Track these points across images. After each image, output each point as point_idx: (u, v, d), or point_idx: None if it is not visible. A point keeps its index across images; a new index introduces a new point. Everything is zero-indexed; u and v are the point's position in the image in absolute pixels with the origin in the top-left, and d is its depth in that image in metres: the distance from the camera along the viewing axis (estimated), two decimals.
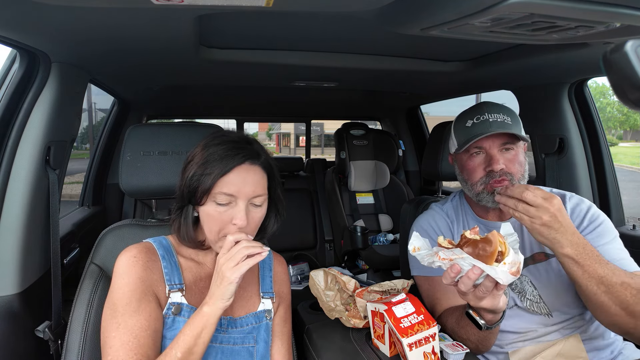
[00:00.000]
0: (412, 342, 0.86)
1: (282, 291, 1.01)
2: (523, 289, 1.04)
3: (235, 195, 0.79)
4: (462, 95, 2.11)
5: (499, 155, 1.03)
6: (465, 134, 1.08)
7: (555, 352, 0.99)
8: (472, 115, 1.09)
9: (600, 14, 0.65)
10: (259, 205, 0.84)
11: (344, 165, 2.55)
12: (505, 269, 0.71)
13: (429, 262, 0.79)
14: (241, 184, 0.79)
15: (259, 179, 0.83)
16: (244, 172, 0.80)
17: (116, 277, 0.80)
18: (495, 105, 1.09)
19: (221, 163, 0.79)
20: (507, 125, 1.03)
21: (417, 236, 0.81)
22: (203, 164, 0.80)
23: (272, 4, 0.71)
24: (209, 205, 0.81)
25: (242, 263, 0.74)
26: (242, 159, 0.80)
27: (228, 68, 1.39)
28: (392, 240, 2.37)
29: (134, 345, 0.75)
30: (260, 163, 0.83)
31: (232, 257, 0.75)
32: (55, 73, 1.08)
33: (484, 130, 1.03)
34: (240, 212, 0.79)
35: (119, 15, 0.81)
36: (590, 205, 1.06)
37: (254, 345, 0.89)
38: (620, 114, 35.23)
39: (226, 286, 0.74)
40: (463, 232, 0.78)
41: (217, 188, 0.79)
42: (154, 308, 0.80)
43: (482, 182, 1.05)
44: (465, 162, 1.09)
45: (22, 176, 1.03)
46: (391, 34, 1.01)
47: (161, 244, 0.89)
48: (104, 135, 2.21)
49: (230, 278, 0.74)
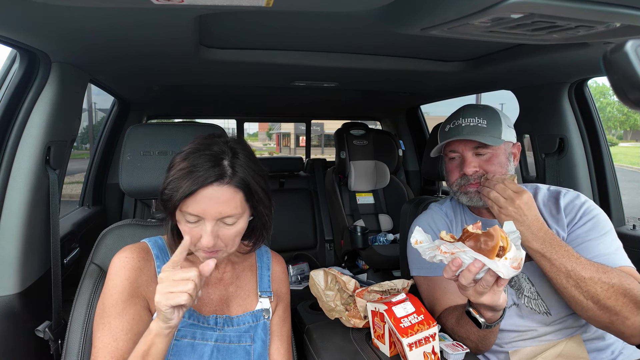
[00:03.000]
0: (412, 342, 0.86)
1: (280, 290, 1.00)
2: (520, 285, 1.04)
3: (200, 216, 0.76)
4: (462, 95, 2.11)
5: (472, 158, 1.07)
6: (441, 138, 1.14)
7: (556, 352, 0.99)
8: (450, 120, 1.14)
9: (600, 14, 0.65)
10: (231, 224, 0.79)
11: (344, 165, 2.55)
12: (507, 263, 0.71)
13: (430, 256, 0.79)
14: (206, 205, 0.75)
15: (227, 199, 0.77)
16: (210, 193, 0.75)
17: (107, 278, 0.82)
18: (474, 108, 1.11)
19: (189, 181, 0.75)
20: (479, 129, 1.07)
21: (419, 230, 0.82)
22: (175, 180, 0.76)
23: (272, 4, 0.71)
24: (180, 218, 0.79)
25: (175, 294, 0.67)
26: (209, 180, 0.75)
27: (228, 68, 1.39)
28: (392, 240, 2.37)
29: (112, 348, 0.76)
30: (232, 182, 0.77)
31: (169, 279, 0.68)
32: (55, 73, 1.08)
33: (454, 135, 1.08)
34: (206, 233, 0.77)
35: (119, 15, 0.81)
36: (585, 201, 1.07)
37: (251, 344, 0.89)
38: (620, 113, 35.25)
39: (159, 310, 0.68)
40: (465, 227, 0.78)
41: (183, 206, 0.76)
42: (138, 310, 0.80)
43: (457, 183, 1.11)
44: (445, 165, 1.17)
45: (22, 176, 1.03)
46: (391, 34, 1.01)
47: (156, 244, 0.90)
48: (104, 135, 2.21)
49: (158, 302, 0.68)
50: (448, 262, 0.77)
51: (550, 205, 1.09)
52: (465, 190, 1.08)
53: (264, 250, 1.04)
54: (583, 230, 1.01)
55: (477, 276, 0.76)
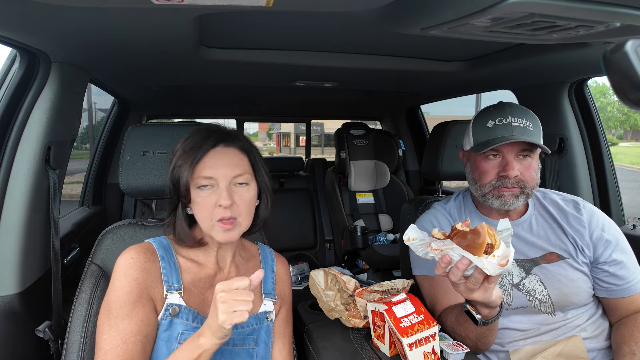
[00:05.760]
0: (412, 342, 0.86)
1: (283, 292, 1.00)
2: (532, 288, 1.03)
3: (213, 177, 0.81)
4: (462, 95, 2.11)
5: (515, 161, 1.02)
6: (485, 134, 1.05)
7: (556, 352, 1.00)
8: (494, 115, 1.06)
9: (600, 14, 0.65)
10: (245, 184, 0.84)
11: (344, 165, 2.54)
12: (494, 260, 0.72)
13: (422, 252, 0.80)
14: (217, 165, 0.81)
15: (236, 160, 0.84)
16: (218, 154, 0.83)
17: (113, 278, 0.81)
18: (520, 108, 1.06)
19: (195, 151, 0.81)
20: (528, 132, 1.02)
21: (413, 228, 0.82)
22: (179, 157, 0.83)
23: (272, 4, 0.71)
24: (194, 194, 0.82)
25: (239, 312, 0.69)
26: (214, 142, 0.83)
27: (228, 68, 1.39)
28: (392, 240, 2.37)
29: (121, 351, 0.75)
30: (235, 145, 0.85)
31: (231, 299, 0.69)
32: (55, 73, 1.08)
33: (506, 134, 1.01)
34: (223, 192, 0.80)
35: (119, 15, 0.81)
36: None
37: (254, 347, 0.89)
38: (620, 113, 35.22)
39: (219, 328, 0.70)
40: (454, 225, 0.79)
41: (195, 174, 0.81)
42: (147, 313, 0.79)
43: (491, 185, 1.05)
44: (479, 163, 1.07)
45: (22, 176, 1.03)
46: (391, 33, 1.01)
47: (161, 244, 0.89)
48: (104, 135, 2.21)
49: (223, 322, 0.69)
50: (438, 259, 0.78)
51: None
52: (500, 194, 1.03)
53: (267, 252, 1.03)
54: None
55: (467, 273, 0.77)
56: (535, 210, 1.13)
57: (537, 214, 1.12)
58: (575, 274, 1.03)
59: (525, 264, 1.06)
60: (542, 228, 1.10)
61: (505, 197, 1.03)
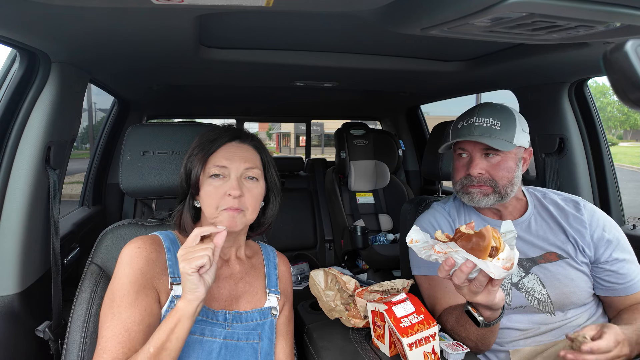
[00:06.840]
0: (412, 342, 0.86)
1: (286, 290, 1.01)
2: (531, 287, 1.04)
3: (226, 166, 0.85)
4: (462, 95, 2.11)
5: (480, 160, 1.05)
6: (454, 135, 1.11)
7: (556, 352, 0.99)
8: (464, 117, 1.12)
9: (600, 14, 0.65)
10: (255, 179, 0.87)
11: (344, 165, 2.55)
12: (499, 264, 0.71)
13: (425, 255, 0.80)
14: (231, 157, 0.86)
15: (249, 155, 0.89)
16: (233, 148, 0.88)
17: (118, 267, 0.81)
18: (490, 108, 1.08)
19: (211, 143, 0.87)
20: (491, 131, 1.04)
21: (416, 230, 0.82)
22: (196, 147, 0.88)
23: (272, 4, 0.71)
24: (205, 183, 0.85)
25: (197, 257, 0.73)
26: (230, 137, 0.89)
27: (228, 68, 1.39)
28: (392, 240, 2.37)
29: (124, 339, 0.75)
30: (249, 142, 0.92)
31: (192, 250, 0.74)
32: (55, 73, 1.08)
33: (466, 134, 1.06)
34: (233, 182, 0.83)
35: (119, 15, 0.81)
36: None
37: (258, 342, 0.90)
38: (620, 113, 35.23)
39: (186, 278, 0.73)
40: (458, 227, 0.79)
41: (210, 163, 0.85)
42: (150, 303, 0.80)
43: (460, 182, 1.10)
44: (453, 162, 1.16)
45: (22, 176, 1.03)
46: (391, 34, 1.00)
47: (167, 237, 0.90)
48: (104, 135, 2.21)
49: (184, 268, 0.73)
50: (442, 261, 0.77)
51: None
52: (467, 191, 1.08)
53: (269, 250, 1.05)
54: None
55: (471, 276, 0.77)
56: (534, 210, 1.13)
57: (537, 214, 1.12)
58: (574, 274, 1.03)
59: (525, 263, 1.06)
60: (541, 228, 1.10)
61: (473, 194, 1.07)
